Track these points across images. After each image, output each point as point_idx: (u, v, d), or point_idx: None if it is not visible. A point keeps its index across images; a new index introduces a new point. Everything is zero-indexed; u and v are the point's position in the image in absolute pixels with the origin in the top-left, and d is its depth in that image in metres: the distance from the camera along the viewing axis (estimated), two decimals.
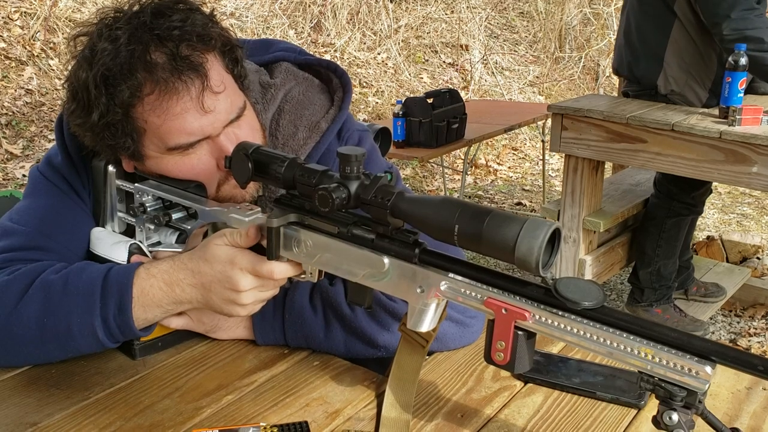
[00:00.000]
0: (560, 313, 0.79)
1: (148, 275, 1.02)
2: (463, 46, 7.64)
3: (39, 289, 1.04)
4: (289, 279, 1.11)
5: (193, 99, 1.01)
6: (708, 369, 0.72)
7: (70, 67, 1.06)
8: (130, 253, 1.11)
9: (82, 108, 1.04)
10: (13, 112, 4.82)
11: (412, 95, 5.21)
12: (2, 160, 4.50)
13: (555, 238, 0.77)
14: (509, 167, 6.09)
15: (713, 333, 3.34)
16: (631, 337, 0.76)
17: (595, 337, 0.77)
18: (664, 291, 3.24)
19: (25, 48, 5.20)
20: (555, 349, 1.19)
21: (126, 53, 0.99)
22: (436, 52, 7.52)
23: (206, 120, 1.04)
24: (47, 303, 1.03)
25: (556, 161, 5.98)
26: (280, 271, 0.99)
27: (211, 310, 1.04)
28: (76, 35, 1.07)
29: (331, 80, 1.27)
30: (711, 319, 3.38)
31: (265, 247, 0.98)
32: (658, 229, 3.15)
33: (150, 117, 1.02)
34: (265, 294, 1.02)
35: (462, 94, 4.74)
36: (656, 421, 0.77)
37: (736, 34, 2.72)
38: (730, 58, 2.71)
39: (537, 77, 7.77)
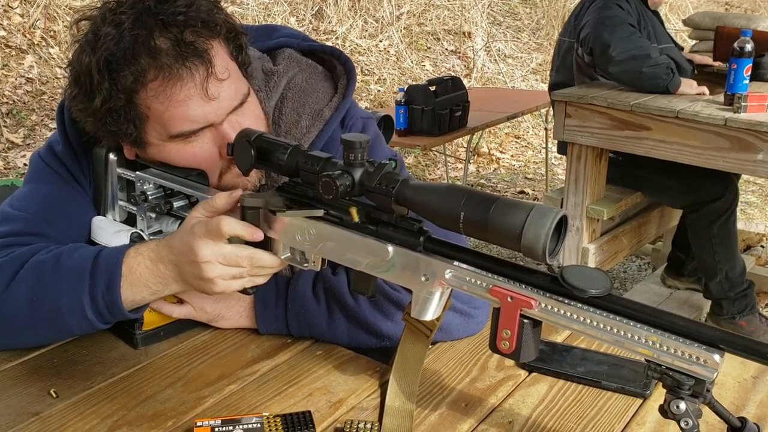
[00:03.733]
0: (566, 301, 0.78)
1: (136, 254, 1.01)
2: (466, 33, 7.60)
3: (30, 269, 1.03)
4: (291, 268, 1.11)
5: (197, 86, 1.00)
6: (716, 357, 0.71)
7: (72, 52, 1.05)
8: (132, 242, 1.10)
9: (84, 93, 1.03)
10: (14, 101, 4.81)
11: (414, 83, 5.19)
12: (3, 149, 4.50)
13: (562, 226, 0.76)
14: (512, 155, 6.07)
15: None
16: (639, 325, 0.75)
17: (601, 326, 0.76)
18: (742, 300, 3.07)
19: (26, 36, 5.18)
20: (559, 338, 1.19)
21: (130, 38, 0.98)
22: (439, 39, 7.47)
23: (210, 107, 1.02)
24: (38, 282, 1.02)
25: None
26: (229, 225, 0.93)
27: (190, 288, 1.01)
28: (79, 19, 1.05)
29: (335, 67, 1.25)
30: None
31: (270, 243, 0.97)
32: (709, 237, 3.01)
33: (153, 103, 1.01)
34: (233, 270, 0.96)
35: (464, 81, 4.71)
36: (663, 410, 0.76)
37: (625, 54, 2.85)
38: (735, 45, 2.69)
39: (540, 65, 7.72)
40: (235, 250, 0.95)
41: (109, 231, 1.15)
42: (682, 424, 0.75)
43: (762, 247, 3.99)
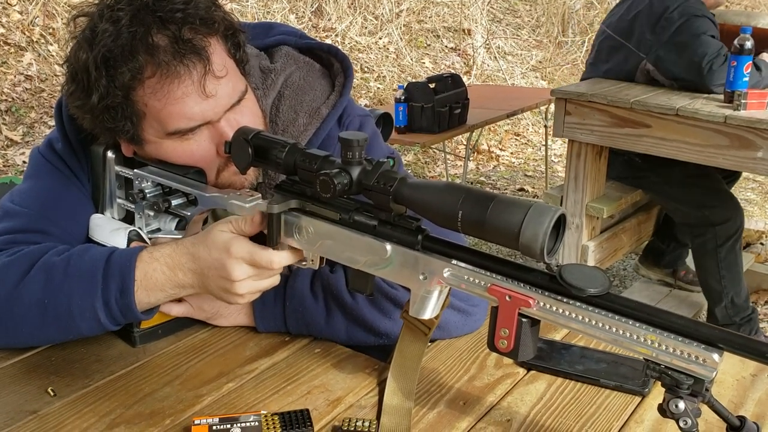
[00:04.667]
0: (565, 300, 0.78)
1: (151, 259, 1.01)
2: (466, 31, 7.59)
3: (40, 270, 1.03)
4: (289, 266, 1.10)
5: (194, 83, 1.00)
6: (715, 356, 0.71)
7: (69, 48, 1.05)
8: (129, 240, 1.10)
9: (81, 90, 1.03)
10: (13, 98, 4.80)
11: (414, 80, 5.18)
12: (2, 146, 4.49)
13: (560, 224, 0.76)
14: (512, 153, 6.06)
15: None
16: (637, 324, 0.75)
17: (600, 325, 0.76)
18: (747, 326, 3.05)
19: (24, 33, 5.17)
20: (558, 335, 1.19)
21: (127, 35, 0.98)
22: (438, 36, 7.46)
23: (207, 105, 1.02)
24: (48, 284, 1.02)
25: (558, 146, 5.96)
26: (280, 260, 0.97)
27: (211, 296, 1.03)
28: (77, 15, 1.05)
29: (332, 65, 1.25)
30: None
31: (266, 234, 0.97)
32: (716, 261, 2.99)
33: (150, 100, 1.01)
34: (263, 283, 1.00)
35: (464, 79, 4.71)
36: (662, 409, 0.76)
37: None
38: (735, 42, 2.68)
39: (540, 62, 7.71)
40: (268, 264, 0.97)
41: (107, 229, 1.15)
42: (681, 424, 0.74)
43: (761, 244, 3.99)
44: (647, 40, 2.94)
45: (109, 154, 1.14)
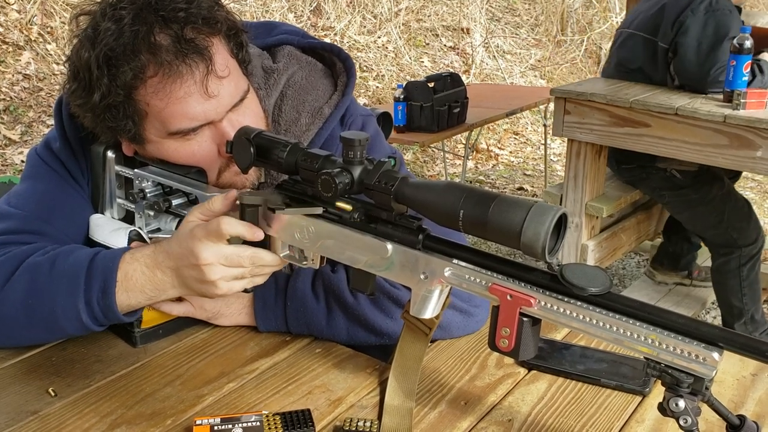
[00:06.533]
0: (566, 299, 0.78)
1: (132, 259, 1.00)
2: (464, 30, 7.59)
3: (26, 271, 1.03)
4: (291, 266, 1.11)
5: (196, 83, 1.00)
6: (715, 355, 0.71)
7: (71, 46, 1.05)
8: (130, 240, 1.10)
9: (83, 88, 1.02)
10: (11, 98, 4.80)
11: (412, 79, 5.18)
12: (0, 146, 4.49)
13: (561, 224, 0.76)
14: (511, 152, 6.06)
15: (715, 318, 3.34)
16: (638, 324, 0.75)
17: (601, 324, 0.76)
18: (766, 336, 3.10)
19: (22, 32, 5.16)
20: (559, 335, 1.19)
21: (130, 34, 0.97)
22: (437, 35, 7.46)
23: (209, 105, 1.02)
24: (33, 285, 1.02)
25: (557, 146, 5.96)
26: (229, 223, 0.92)
27: (191, 293, 1.01)
28: (79, 14, 1.05)
29: (335, 64, 1.25)
30: (713, 303, 3.37)
31: (269, 241, 0.97)
32: (738, 280, 3.03)
33: (152, 100, 1.01)
34: (235, 271, 0.96)
35: (463, 77, 4.71)
36: (662, 408, 0.76)
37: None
38: (735, 41, 2.69)
39: (539, 61, 7.72)
40: (237, 251, 0.94)
41: (107, 229, 1.15)
42: (681, 422, 0.75)
43: None
44: (669, 32, 2.88)
45: (109, 153, 1.14)
